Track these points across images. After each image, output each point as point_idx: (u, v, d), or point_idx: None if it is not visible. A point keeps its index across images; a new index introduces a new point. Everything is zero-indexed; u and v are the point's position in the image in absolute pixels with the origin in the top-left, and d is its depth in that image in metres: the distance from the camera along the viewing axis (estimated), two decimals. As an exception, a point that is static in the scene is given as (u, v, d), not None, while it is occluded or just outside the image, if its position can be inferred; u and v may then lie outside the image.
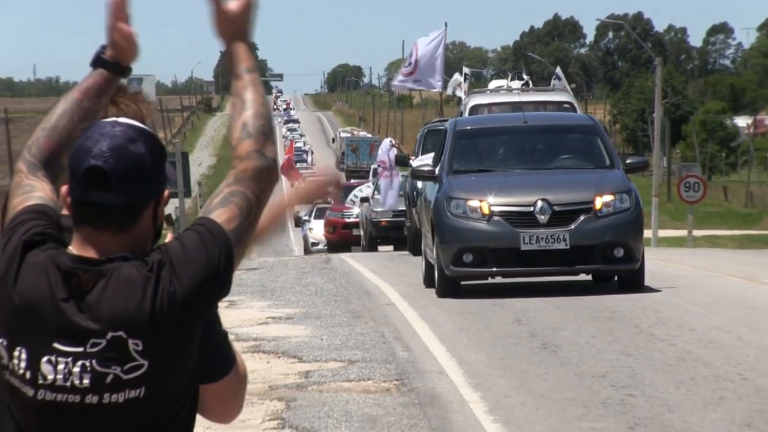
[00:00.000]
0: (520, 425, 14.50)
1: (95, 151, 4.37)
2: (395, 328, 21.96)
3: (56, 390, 4.43)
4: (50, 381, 4.42)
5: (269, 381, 17.71)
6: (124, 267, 4.40)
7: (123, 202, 4.40)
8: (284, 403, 16.30)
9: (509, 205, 23.13)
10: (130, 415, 4.47)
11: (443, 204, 23.60)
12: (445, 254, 23.24)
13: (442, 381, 17.18)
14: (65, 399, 4.44)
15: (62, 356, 4.42)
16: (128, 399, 4.44)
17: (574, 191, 23.25)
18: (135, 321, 4.39)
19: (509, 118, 28.32)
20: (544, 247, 22.39)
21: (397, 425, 14.81)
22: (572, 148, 25.82)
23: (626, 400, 15.43)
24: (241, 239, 4.50)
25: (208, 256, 4.41)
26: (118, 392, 4.43)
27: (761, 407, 14.64)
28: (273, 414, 15.70)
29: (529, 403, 15.62)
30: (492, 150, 25.94)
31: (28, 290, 4.41)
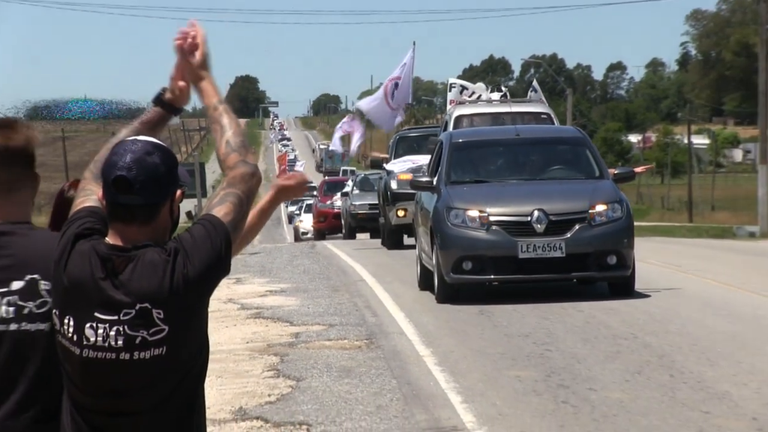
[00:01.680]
0: (462, 374, 14.47)
1: (120, 163, 4.50)
2: (365, 299, 21.92)
3: (97, 349, 4.47)
4: (92, 342, 4.47)
5: (267, 340, 17.66)
6: (148, 253, 4.48)
7: (144, 203, 4.50)
8: (279, 357, 16.25)
9: (507, 215, 19.68)
10: (154, 369, 4.49)
11: (443, 213, 19.97)
12: (445, 262, 19.63)
13: (401, 340, 17.15)
14: (104, 356, 4.48)
15: (101, 323, 4.47)
16: (153, 356, 4.46)
17: (569, 201, 19.98)
18: (158, 295, 4.44)
19: (502, 131, 24.49)
20: (541, 256, 19.17)
21: (367, 374, 14.78)
22: (563, 159, 22.13)
23: (544, 353, 15.41)
24: (237, 228, 4.62)
25: (213, 244, 4.51)
26: (145, 350, 4.46)
27: (648, 359, 14.64)
28: (270, 366, 15.67)
29: (469, 356, 15.61)
30: (487, 161, 22.19)
31: (75, 272, 4.50)
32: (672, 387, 13.24)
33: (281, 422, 12.54)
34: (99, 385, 4.51)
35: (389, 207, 32.58)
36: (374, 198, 39.13)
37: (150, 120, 4.92)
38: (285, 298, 22.62)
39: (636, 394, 12.95)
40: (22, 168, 4.94)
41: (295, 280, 25.62)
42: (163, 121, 4.96)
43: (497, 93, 32.54)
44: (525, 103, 31.68)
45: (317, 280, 25.59)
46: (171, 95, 4.96)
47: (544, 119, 29.49)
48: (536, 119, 29.26)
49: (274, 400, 13.63)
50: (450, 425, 12.02)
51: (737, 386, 13.17)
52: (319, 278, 25.89)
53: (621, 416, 12.05)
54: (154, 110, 4.96)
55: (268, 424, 12.51)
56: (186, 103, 5.00)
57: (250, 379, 14.86)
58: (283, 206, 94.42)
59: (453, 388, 13.69)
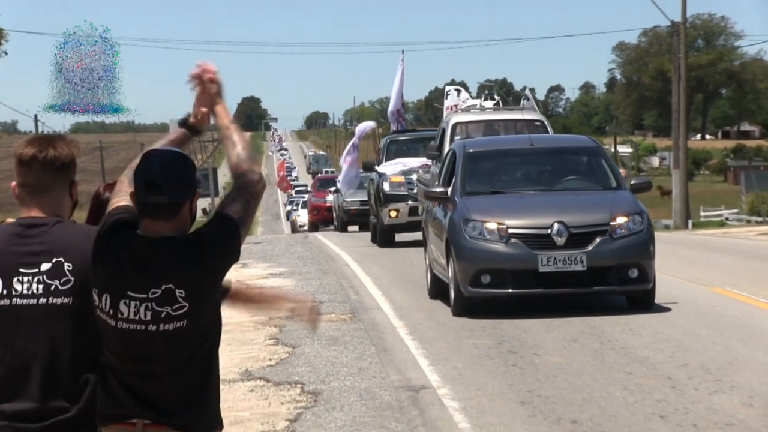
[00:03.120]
0: (429, 341, 14.46)
1: (151, 169, 4.53)
2: (349, 280, 21.88)
3: (129, 322, 4.48)
4: (125, 316, 4.48)
5: (268, 314, 17.63)
6: (171, 242, 4.53)
7: (169, 202, 4.52)
8: (278, 328, 16.22)
9: (526, 228, 16.11)
10: (176, 339, 4.50)
11: (460, 226, 16.31)
12: (462, 275, 16.01)
13: (379, 314, 17.12)
14: (135, 328, 4.49)
15: (133, 300, 4.48)
16: (175, 328, 4.47)
17: (589, 213, 16.40)
18: (180, 277, 4.49)
19: (515, 140, 20.45)
20: (561, 269, 15.72)
21: (350, 342, 14.77)
22: (579, 169, 18.25)
23: (496, 325, 15.40)
24: (245, 224, 4.66)
25: (225, 236, 4.55)
26: (168, 323, 4.47)
27: (582, 330, 14.63)
28: (271, 335, 15.64)
29: (435, 327, 15.60)
30: (501, 171, 18.25)
31: (111, 257, 4.54)
32: (601, 353, 13.25)
33: (280, 382, 12.54)
34: (130, 352, 4.52)
35: (381, 207, 28.93)
36: (364, 195, 35.72)
37: (176, 139, 4.95)
38: (283, 279, 22.58)
39: (572, 359, 12.96)
40: (52, 175, 4.96)
41: (291, 264, 25.57)
42: (187, 140, 5.00)
43: (490, 101, 28.30)
44: (519, 111, 27.52)
45: (309, 264, 25.54)
46: (194, 120, 4.99)
47: (538, 126, 25.59)
48: (531, 126, 25.30)
49: (274, 364, 13.61)
50: (419, 384, 12.01)
51: (655, 352, 13.19)
52: (311, 263, 25.84)
53: (560, 377, 12.07)
54: (180, 131, 4.99)
55: (270, 383, 12.50)
56: (206, 126, 5.04)
57: (254, 346, 14.85)
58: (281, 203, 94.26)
59: (421, 353, 13.69)
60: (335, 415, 10.80)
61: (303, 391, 12.01)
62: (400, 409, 10.90)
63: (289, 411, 11.12)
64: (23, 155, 4.98)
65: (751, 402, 10.68)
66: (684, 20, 53.68)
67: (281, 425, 10.55)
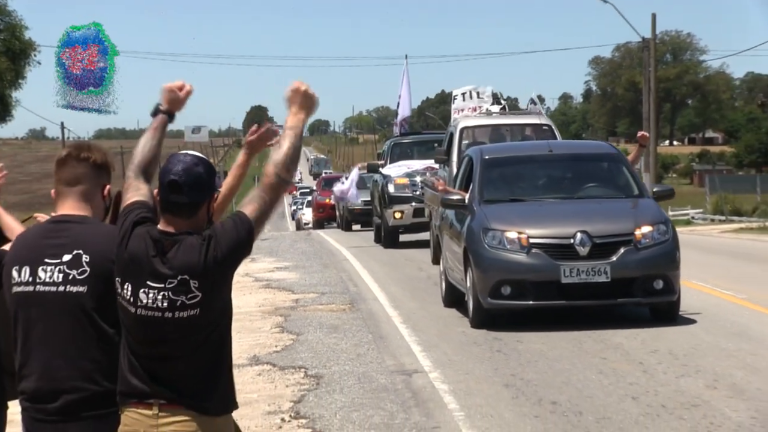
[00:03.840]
0: (421, 329, 14.46)
1: (173, 170, 4.52)
2: (348, 273, 21.89)
3: (147, 309, 4.47)
4: (144, 303, 4.48)
5: (275, 305, 17.63)
6: (189, 238, 4.48)
7: (188, 201, 4.51)
8: (283, 317, 16.22)
9: (548, 237, 14.09)
10: (189, 326, 4.49)
11: (479, 235, 14.31)
12: (482, 286, 14.04)
13: (375, 304, 17.13)
14: (152, 314, 4.48)
15: (151, 289, 4.47)
16: (189, 315, 4.46)
17: (613, 222, 14.39)
18: (194, 269, 4.44)
19: (534, 146, 18.14)
20: (585, 280, 13.78)
21: (349, 330, 14.76)
22: (599, 176, 16.08)
23: (483, 315, 15.40)
24: (259, 223, 4.61)
25: (238, 234, 4.51)
26: (183, 311, 4.45)
27: (563, 319, 14.61)
28: (277, 324, 15.64)
29: (427, 316, 15.60)
30: (520, 178, 16.10)
31: (133, 250, 4.51)
32: (579, 340, 13.24)
33: (285, 366, 12.53)
34: (148, 336, 4.51)
35: (386, 209, 26.87)
36: (367, 195, 33.00)
37: (157, 127, 4.96)
38: (288, 273, 22.59)
39: (552, 345, 12.96)
40: (84, 169, 5.04)
41: (296, 259, 25.57)
42: (165, 125, 5.01)
43: (497, 106, 25.49)
44: (527, 115, 24.63)
45: (312, 259, 25.54)
46: (168, 105, 5.00)
47: (546, 131, 23.15)
48: (538, 131, 23.06)
49: (279, 350, 13.61)
50: (412, 368, 12.01)
51: (628, 339, 13.18)
52: (313, 258, 25.84)
53: (541, 361, 12.06)
54: (158, 119, 5.01)
55: (275, 367, 12.50)
56: (180, 109, 5.07)
57: (262, 334, 14.84)
58: (286, 203, 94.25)
59: (414, 340, 13.68)
60: (335, 397, 10.80)
61: (306, 374, 12.00)
62: (394, 392, 10.90)
63: (294, 393, 11.12)
64: (60, 156, 5.12)
65: (715, 385, 10.68)
66: (654, 37, 53.77)
67: (286, 406, 10.54)
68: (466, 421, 9.61)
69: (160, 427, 4.48)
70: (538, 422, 9.50)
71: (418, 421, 9.66)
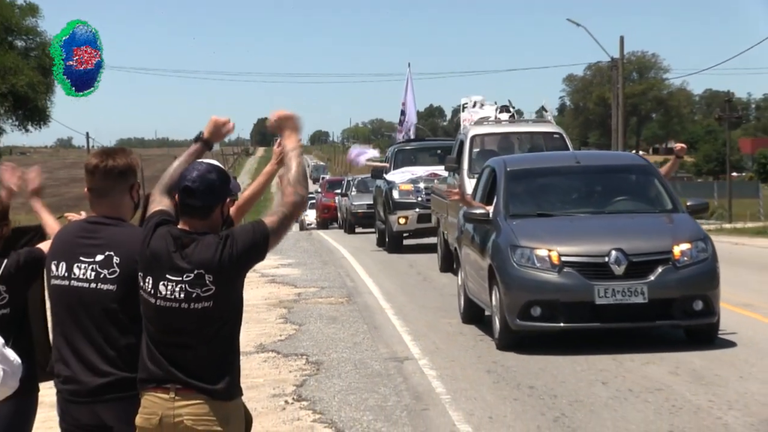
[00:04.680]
0: (411, 320, 14.45)
1: (189, 177, 4.54)
2: (346, 269, 21.89)
3: (166, 300, 4.47)
4: (163, 295, 4.48)
5: (279, 298, 17.62)
6: (207, 236, 4.51)
7: (201, 205, 4.51)
8: (287, 309, 16.21)
9: (581, 255, 11.89)
10: (203, 317, 4.48)
11: (507, 252, 12.10)
12: (510, 306, 11.90)
13: (370, 298, 17.12)
14: (170, 305, 4.47)
15: (170, 282, 4.47)
16: (203, 306, 4.45)
17: (649, 239, 12.17)
18: (210, 265, 4.44)
19: (559, 157, 15.70)
20: (620, 301, 11.62)
21: (347, 321, 14.76)
22: (630, 189, 13.63)
23: (467, 307, 15.39)
24: (276, 232, 4.59)
25: (254, 238, 4.51)
26: (197, 303, 4.45)
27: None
28: (281, 315, 15.63)
29: (416, 310, 15.59)
30: (546, 192, 13.66)
31: (155, 246, 4.51)
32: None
33: (288, 353, 12.51)
34: (166, 325, 4.51)
35: (391, 214, 24.82)
36: (370, 199, 31.26)
37: (192, 153, 4.93)
38: (291, 269, 22.57)
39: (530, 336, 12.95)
40: (112, 181, 5.04)
41: (298, 257, 25.55)
42: (201, 153, 4.98)
43: (506, 113, 23.07)
44: (537, 124, 22.43)
45: (313, 257, 25.53)
46: (209, 136, 4.98)
47: (557, 139, 20.77)
48: (549, 139, 20.71)
49: (283, 339, 13.59)
50: (403, 356, 12.00)
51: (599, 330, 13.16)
52: (314, 256, 25.83)
53: (519, 349, 12.03)
54: (196, 145, 4.99)
55: (280, 355, 12.48)
56: (219, 140, 5.06)
57: (267, 324, 14.83)
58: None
59: (405, 330, 13.68)
60: (334, 381, 10.78)
61: (307, 361, 11.99)
62: (387, 377, 10.89)
63: (296, 378, 11.11)
64: (89, 165, 5.12)
65: (677, 371, 10.68)
66: (622, 57, 53.84)
67: (289, 389, 10.53)
68: (452, 403, 9.61)
69: (176, 409, 4.47)
70: (517, 404, 9.50)
71: (408, 404, 9.66)
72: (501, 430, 8.63)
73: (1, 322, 5.67)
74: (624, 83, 56.43)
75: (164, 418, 4.47)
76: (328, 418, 9.27)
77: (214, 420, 4.44)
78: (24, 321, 5.79)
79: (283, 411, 9.67)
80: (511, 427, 8.74)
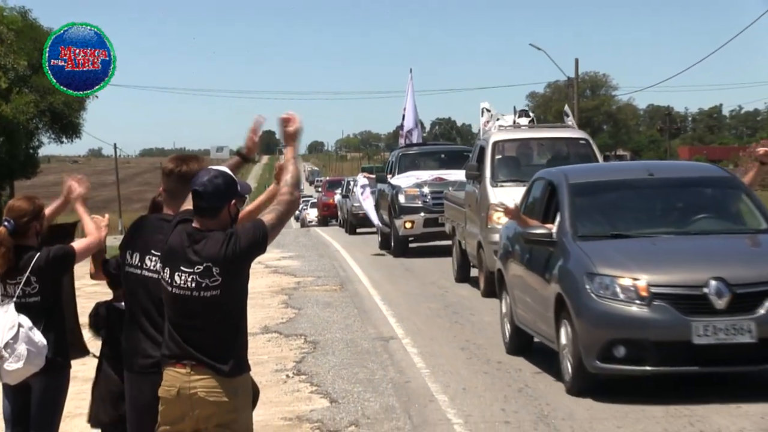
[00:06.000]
0: (396, 305, 14.43)
1: (198, 182, 4.52)
2: (339, 261, 21.84)
3: (180, 289, 4.46)
4: (178, 284, 4.47)
5: (281, 286, 17.57)
6: (216, 234, 4.49)
7: (208, 206, 4.48)
8: (288, 296, 16.17)
9: (674, 285, 8.30)
10: (212, 304, 4.47)
11: (581, 280, 8.63)
12: (588, 345, 8.48)
13: (360, 286, 17.09)
14: (183, 293, 4.46)
15: (183, 273, 4.46)
16: (212, 295, 4.44)
17: (754, 266, 8.53)
18: (217, 258, 4.43)
19: (629, 169, 11.78)
20: (723, 341, 8.12)
21: (339, 306, 14.73)
22: (714, 205, 9.95)
23: (444, 294, 15.39)
24: (273, 229, 4.59)
25: (254, 234, 4.49)
26: (207, 291, 4.44)
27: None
28: (282, 301, 15.59)
29: (400, 296, 15.56)
30: (618, 208, 9.97)
31: (172, 242, 4.49)
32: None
33: (289, 334, 12.49)
34: (181, 310, 4.50)
35: (397, 219, 21.63)
36: None
37: (231, 165, 4.91)
38: (291, 261, 22.51)
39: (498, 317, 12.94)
40: (184, 185, 4.90)
41: (298, 250, 25.49)
42: (240, 165, 5.02)
43: (525, 118, 18.82)
44: (561, 129, 18.13)
45: (310, 250, 25.48)
46: (247, 150, 5.01)
47: (583, 145, 16.56)
48: (574, 145, 16.60)
49: (285, 321, 13.57)
50: (389, 335, 11.99)
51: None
52: (311, 249, 25.77)
53: (489, 330, 12.05)
54: (235, 158, 5.02)
55: (281, 335, 12.46)
56: (254, 155, 5.05)
57: (270, 309, 14.80)
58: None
59: (390, 314, 13.66)
60: (329, 358, 10.77)
61: (306, 341, 11.97)
62: (375, 354, 10.88)
63: (296, 355, 11.09)
64: (165, 168, 5.08)
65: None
66: (576, 76, 54.07)
67: (290, 365, 10.51)
68: (431, 376, 9.60)
69: (191, 382, 4.48)
70: (487, 377, 9.49)
71: (393, 377, 9.65)
72: (473, 400, 8.63)
73: (33, 308, 5.69)
74: (579, 99, 56.59)
75: (181, 390, 4.48)
76: (323, 390, 9.26)
77: (223, 392, 4.45)
78: (55, 307, 5.78)
79: (285, 384, 9.66)
80: (482, 396, 8.74)
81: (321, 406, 8.69)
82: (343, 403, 8.72)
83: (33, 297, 5.73)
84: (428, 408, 8.40)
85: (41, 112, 46.44)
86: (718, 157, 78.04)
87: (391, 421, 8.04)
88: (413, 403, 8.56)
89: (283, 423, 8.19)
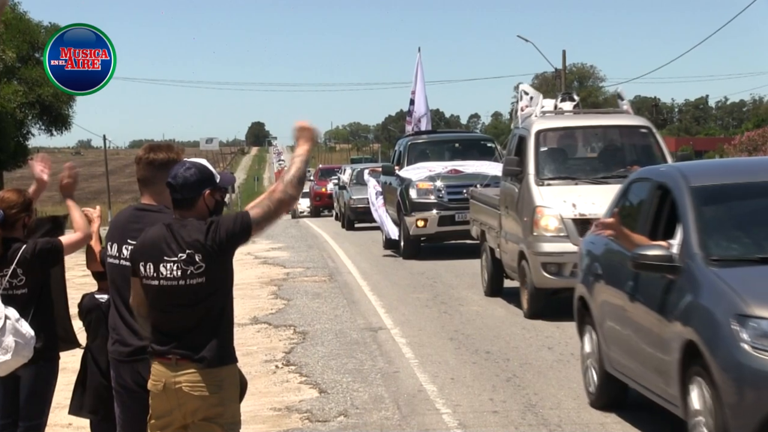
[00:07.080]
0: (384, 295, 14.43)
1: (171, 174, 4.55)
2: (328, 252, 21.84)
3: (167, 279, 4.46)
4: (164, 275, 4.49)
5: (270, 277, 17.55)
6: (196, 222, 4.54)
7: (182, 197, 4.51)
8: (277, 286, 16.16)
9: None
10: (197, 290, 4.48)
11: (729, 325, 5.30)
12: (739, 417, 5.16)
13: (349, 276, 17.08)
14: (170, 283, 4.47)
15: (169, 263, 4.48)
16: (198, 282, 4.45)
17: None
18: (198, 246, 4.45)
19: (759, 168, 7.26)
20: None
21: (329, 296, 14.72)
22: None
23: (432, 284, 15.38)
24: (259, 223, 4.52)
25: (234, 225, 4.49)
26: (192, 279, 4.45)
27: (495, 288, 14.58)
28: (272, 292, 15.57)
29: (390, 287, 15.56)
30: (759, 222, 6.25)
31: (153, 235, 4.56)
32: (507, 303, 13.25)
33: (278, 324, 12.48)
34: (167, 303, 4.49)
35: (407, 216, 18.86)
36: (365, 192, 23.88)
37: None
38: (281, 252, 22.51)
39: (485, 308, 12.96)
40: (153, 171, 4.92)
41: (287, 242, 25.48)
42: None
43: (569, 103, 14.32)
44: (616, 115, 13.80)
45: (300, 241, 25.47)
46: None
47: (644, 134, 13.10)
48: (633, 135, 13.19)
49: (274, 312, 13.55)
50: (378, 326, 11.98)
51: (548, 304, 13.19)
52: (301, 240, 25.76)
53: (477, 320, 12.06)
54: None
55: (271, 326, 12.44)
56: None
57: (260, 300, 14.78)
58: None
59: (379, 304, 13.66)
60: (318, 348, 10.76)
61: (295, 331, 11.96)
62: (364, 344, 10.87)
63: (285, 345, 11.08)
64: (137, 156, 5.06)
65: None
66: (564, 68, 54.05)
67: (279, 356, 10.50)
68: (420, 367, 9.60)
69: (176, 376, 4.48)
70: (475, 367, 9.50)
71: (382, 367, 9.65)
72: (461, 390, 8.63)
73: (20, 300, 5.68)
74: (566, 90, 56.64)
75: (167, 384, 4.47)
76: (312, 380, 9.25)
77: (207, 386, 4.45)
78: (42, 299, 5.77)
79: (274, 374, 9.64)
80: (470, 386, 8.74)
81: (310, 396, 8.69)
82: (332, 393, 8.71)
83: (20, 289, 5.72)
84: (417, 398, 8.40)
85: (30, 104, 46.31)
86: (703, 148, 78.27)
87: (380, 411, 8.03)
88: (402, 393, 8.56)
89: (272, 413, 8.18)
